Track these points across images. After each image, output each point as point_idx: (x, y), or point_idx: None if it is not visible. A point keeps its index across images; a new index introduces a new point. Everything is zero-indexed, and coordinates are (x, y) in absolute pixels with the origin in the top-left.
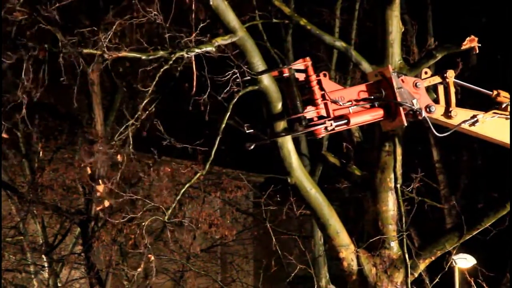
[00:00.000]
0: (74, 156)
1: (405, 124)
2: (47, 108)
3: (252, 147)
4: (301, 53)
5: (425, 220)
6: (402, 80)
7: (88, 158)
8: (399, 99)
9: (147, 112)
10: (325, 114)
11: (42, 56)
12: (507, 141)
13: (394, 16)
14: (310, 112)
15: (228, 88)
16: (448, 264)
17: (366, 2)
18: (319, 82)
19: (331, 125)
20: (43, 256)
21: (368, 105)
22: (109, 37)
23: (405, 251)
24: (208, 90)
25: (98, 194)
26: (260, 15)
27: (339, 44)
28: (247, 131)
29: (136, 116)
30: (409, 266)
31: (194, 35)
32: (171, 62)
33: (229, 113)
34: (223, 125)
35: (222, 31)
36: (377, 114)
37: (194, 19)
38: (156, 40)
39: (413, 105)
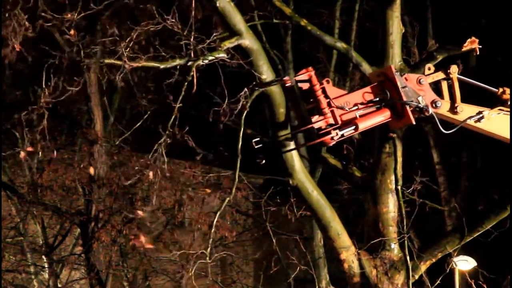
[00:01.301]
0: (74, 157)
1: (414, 122)
2: (46, 109)
3: (263, 161)
4: (300, 54)
5: (425, 222)
6: (406, 79)
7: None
8: (404, 98)
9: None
10: (333, 122)
11: (66, 65)
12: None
13: (394, 17)
14: (318, 122)
15: (240, 104)
16: (449, 266)
17: (366, 3)
18: (323, 90)
19: (337, 134)
20: (43, 256)
21: (374, 108)
22: (130, 45)
23: (406, 253)
24: (226, 102)
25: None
26: (260, 15)
27: (340, 45)
28: (255, 146)
29: (167, 133)
30: (410, 268)
31: (208, 41)
32: (192, 73)
33: (242, 128)
34: (240, 144)
35: (221, 30)
36: (385, 115)
37: (194, 22)
38: (155, 39)
39: (419, 102)
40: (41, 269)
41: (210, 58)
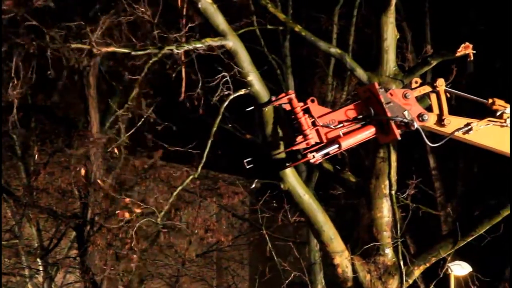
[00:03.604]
0: (70, 160)
1: (399, 138)
2: (43, 111)
3: (258, 186)
4: (299, 58)
5: (421, 227)
6: (391, 94)
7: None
8: (389, 114)
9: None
10: (314, 143)
11: (32, 50)
12: (502, 148)
13: (389, 22)
14: (300, 144)
15: (219, 91)
16: (443, 271)
17: (364, 9)
18: (307, 110)
19: (314, 156)
20: (38, 259)
21: (359, 125)
22: (98, 32)
23: (400, 257)
24: (199, 85)
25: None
26: (257, 21)
27: (334, 50)
28: (247, 167)
29: (126, 106)
30: (403, 273)
31: (184, 31)
32: (160, 55)
33: (220, 117)
34: (215, 128)
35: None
36: (369, 132)
37: (185, 20)
38: (149, 41)
39: (404, 117)
40: (35, 272)
41: (186, 46)
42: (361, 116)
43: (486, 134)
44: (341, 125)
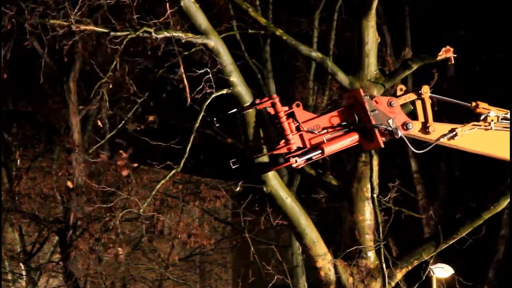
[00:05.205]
0: (52, 165)
1: (382, 146)
2: (25, 117)
3: (241, 188)
4: (280, 63)
5: (404, 230)
6: (376, 101)
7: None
8: (373, 122)
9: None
10: (296, 148)
11: (9, 27)
12: (489, 151)
13: (370, 26)
14: (281, 149)
15: (201, 88)
16: (425, 274)
17: (344, 13)
18: (291, 114)
19: (296, 161)
20: (21, 264)
21: (343, 131)
22: (76, 9)
23: (382, 260)
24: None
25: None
26: (237, 25)
27: (315, 54)
28: (233, 167)
29: (109, 74)
30: (386, 275)
31: (163, 18)
32: (138, 33)
33: (202, 113)
34: (197, 124)
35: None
36: (353, 139)
37: (167, 9)
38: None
39: (389, 125)
40: (18, 276)
41: (166, 33)
42: (345, 123)
43: (472, 139)
44: (325, 131)
